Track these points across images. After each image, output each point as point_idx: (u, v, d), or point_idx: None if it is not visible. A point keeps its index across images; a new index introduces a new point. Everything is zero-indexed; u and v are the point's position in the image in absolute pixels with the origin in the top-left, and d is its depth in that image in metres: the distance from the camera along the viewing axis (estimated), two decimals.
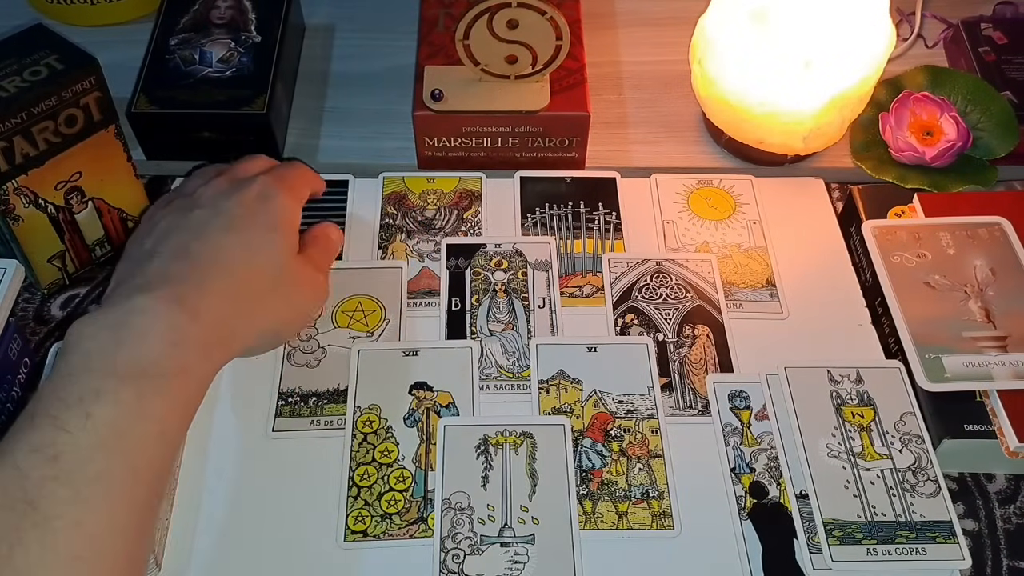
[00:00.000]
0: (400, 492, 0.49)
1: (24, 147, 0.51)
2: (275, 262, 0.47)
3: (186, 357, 0.42)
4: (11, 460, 0.37)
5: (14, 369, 0.54)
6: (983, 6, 0.76)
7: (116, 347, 0.40)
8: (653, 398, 0.53)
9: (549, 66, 0.60)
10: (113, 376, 0.39)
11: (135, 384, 0.40)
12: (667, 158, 0.66)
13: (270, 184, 0.50)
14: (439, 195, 0.63)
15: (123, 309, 0.42)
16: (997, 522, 0.51)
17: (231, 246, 0.46)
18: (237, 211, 0.47)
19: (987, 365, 0.52)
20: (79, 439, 0.37)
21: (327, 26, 0.75)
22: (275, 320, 0.48)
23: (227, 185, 0.50)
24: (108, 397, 0.39)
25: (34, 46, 0.52)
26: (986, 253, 0.57)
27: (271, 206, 0.49)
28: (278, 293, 0.47)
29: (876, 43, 0.59)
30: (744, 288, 0.59)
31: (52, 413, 0.38)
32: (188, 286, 0.44)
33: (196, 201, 0.49)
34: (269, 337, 0.49)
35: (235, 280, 0.45)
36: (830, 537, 0.47)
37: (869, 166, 0.64)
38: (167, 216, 0.49)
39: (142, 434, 0.39)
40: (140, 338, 0.41)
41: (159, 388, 0.40)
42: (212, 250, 0.46)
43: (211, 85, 0.63)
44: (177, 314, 0.42)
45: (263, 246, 0.47)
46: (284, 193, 0.50)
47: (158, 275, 0.44)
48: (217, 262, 0.45)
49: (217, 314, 0.44)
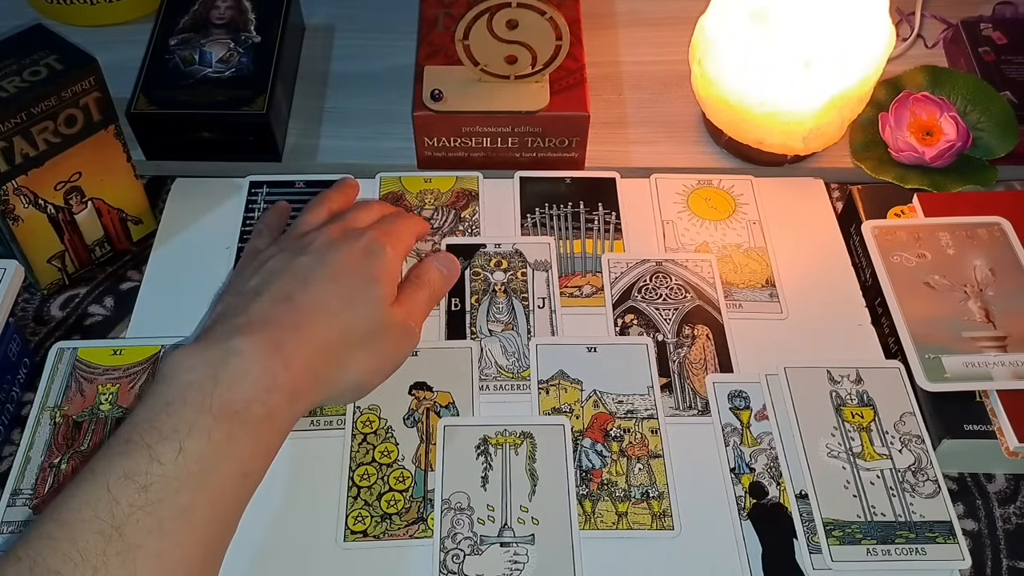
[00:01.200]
0: (400, 492, 0.49)
1: (24, 147, 0.51)
2: (371, 314, 0.48)
3: (276, 403, 0.43)
4: (104, 483, 0.38)
5: (14, 369, 0.54)
6: (983, 6, 0.76)
7: (214, 385, 0.41)
8: (653, 398, 0.53)
9: (549, 66, 0.60)
10: (208, 413, 0.41)
11: (227, 424, 0.41)
12: (667, 158, 0.66)
13: (377, 239, 0.50)
14: (436, 195, 0.63)
15: (223, 347, 0.43)
16: (997, 522, 0.51)
17: (331, 297, 0.47)
18: (341, 264, 0.48)
19: (987, 365, 0.52)
20: (169, 471, 0.39)
21: (327, 26, 0.75)
22: (362, 371, 0.48)
23: (338, 235, 0.51)
24: (201, 434, 0.40)
25: (34, 46, 0.52)
26: (986, 253, 0.57)
27: (375, 261, 0.49)
28: (369, 345, 0.48)
29: (876, 43, 0.59)
30: (744, 288, 0.59)
31: (148, 442, 0.39)
32: (286, 332, 0.45)
33: (305, 247, 0.50)
34: (352, 388, 0.49)
35: (331, 330, 0.46)
36: (830, 537, 0.47)
37: (869, 166, 0.64)
38: (275, 257, 0.50)
39: (227, 473, 0.41)
40: (236, 380, 0.42)
41: (248, 431, 0.42)
42: (313, 299, 0.47)
43: (211, 85, 0.63)
44: (273, 360, 0.43)
45: (361, 299, 0.48)
46: (389, 248, 0.51)
47: (259, 317, 0.45)
48: (316, 311, 0.46)
49: (309, 363, 0.45)
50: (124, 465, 0.39)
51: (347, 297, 0.48)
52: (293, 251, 0.50)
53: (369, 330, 0.48)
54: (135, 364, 0.52)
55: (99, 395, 0.50)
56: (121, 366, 0.52)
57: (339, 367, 0.47)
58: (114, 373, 0.51)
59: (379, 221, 0.54)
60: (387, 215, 0.55)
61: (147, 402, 0.41)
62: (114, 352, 0.52)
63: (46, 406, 0.50)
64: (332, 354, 0.46)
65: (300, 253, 0.49)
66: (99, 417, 0.49)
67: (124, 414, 0.49)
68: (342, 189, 0.58)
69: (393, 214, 0.56)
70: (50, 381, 0.51)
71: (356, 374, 0.48)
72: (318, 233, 0.51)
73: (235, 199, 0.63)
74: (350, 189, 0.59)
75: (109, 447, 0.40)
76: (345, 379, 0.47)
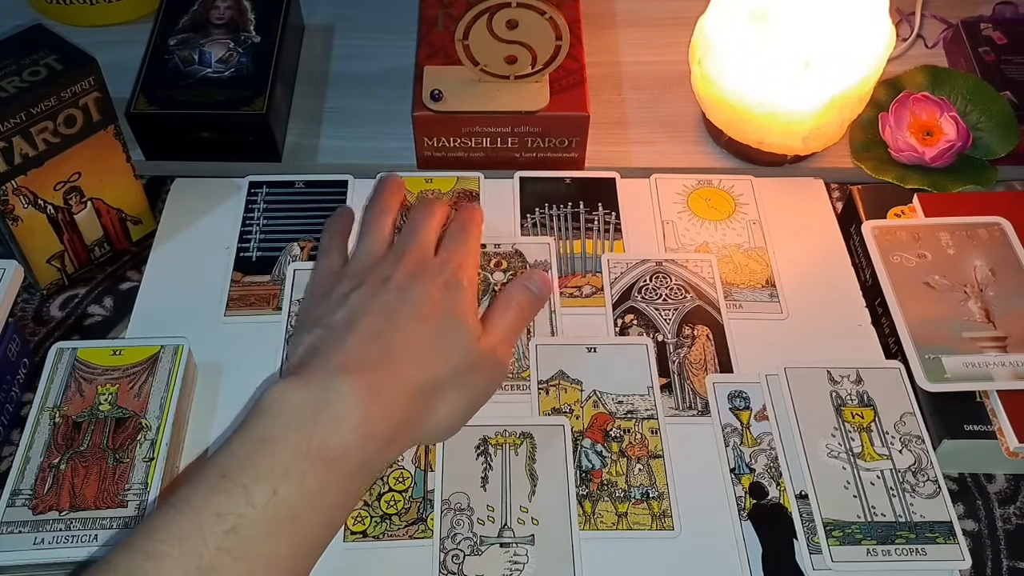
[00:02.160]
0: (400, 492, 0.49)
1: (23, 147, 0.51)
2: (460, 352, 0.48)
3: (369, 451, 0.43)
4: (197, 521, 0.38)
5: (13, 369, 0.54)
6: (983, 6, 0.76)
7: (314, 427, 0.42)
8: (653, 398, 0.53)
9: (549, 66, 0.60)
10: (305, 457, 0.41)
11: (322, 471, 0.41)
12: (667, 158, 0.66)
13: (454, 274, 0.50)
14: (437, 195, 0.63)
15: (324, 387, 0.43)
16: (997, 522, 0.51)
17: (420, 339, 0.47)
18: (426, 303, 0.48)
19: (987, 365, 0.51)
20: (259, 515, 0.39)
21: (327, 26, 0.75)
22: (452, 412, 0.48)
23: (414, 268, 0.50)
24: (295, 479, 0.40)
25: (34, 46, 0.52)
26: (986, 253, 0.57)
27: (456, 297, 0.49)
28: (460, 384, 0.48)
29: (876, 43, 0.59)
30: (744, 288, 0.59)
31: (243, 481, 0.39)
32: (383, 376, 0.45)
33: (386, 282, 0.49)
34: (443, 430, 0.49)
35: (423, 374, 0.46)
36: (830, 537, 0.47)
37: (869, 166, 0.64)
38: (356, 291, 0.49)
39: (313, 522, 0.41)
40: (336, 424, 0.42)
41: (340, 479, 0.42)
42: (403, 340, 0.46)
43: (210, 85, 0.63)
44: (372, 407, 0.43)
45: (449, 338, 0.48)
46: (466, 280, 0.51)
47: (355, 356, 0.45)
48: (406, 353, 0.46)
49: (404, 409, 0.45)
50: (219, 503, 0.39)
51: (435, 339, 0.47)
52: (373, 285, 0.49)
53: (459, 369, 0.48)
54: (135, 364, 0.52)
55: (98, 395, 0.50)
56: (121, 366, 0.51)
57: (430, 410, 0.47)
58: (114, 373, 0.51)
59: (447, 241, 0.53)
60: (451, 226, 0.55)
61: (245, 436, 0.41)
62: (114, 352, 0.52)
63: (45, 406, 0.50)
64: (424, 398, 0.46)
65: (382, 289, 0.49)
66: (98, 417, 0.49)
67: (123, 414, 0.49)
68: (393, 191, 0.58)
69: (457, 226, 0.55)
70: (49, 381, 0.51)
71: (446, 415, 0.48)
72: (396, 268, 0.50)
73: (235, 199, 0.63)
74: (398, 188, 0.59)
75: (205, 478, 0.40)
76: (435, 422, 0.47)
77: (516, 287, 0.53)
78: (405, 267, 0.50)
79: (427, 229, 0.54)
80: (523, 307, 0.53)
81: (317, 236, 0.60)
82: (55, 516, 0.46)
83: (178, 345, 0.52)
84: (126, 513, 0.46)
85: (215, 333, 0.56)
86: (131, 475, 0.47)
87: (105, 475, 0.47)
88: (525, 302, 0.53)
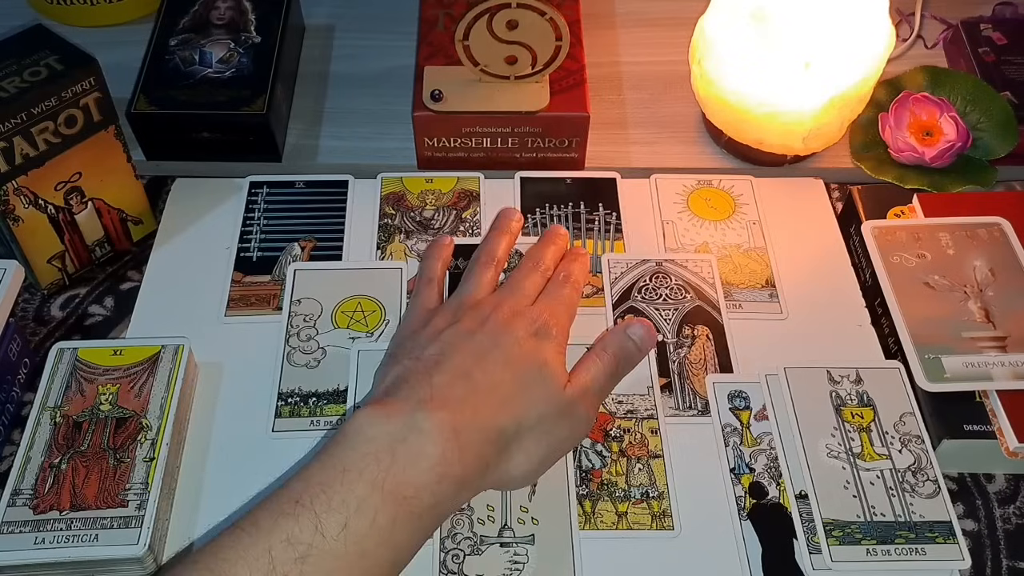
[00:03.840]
0: None
1: (24, 147, 0.51)
2: (544, 399, 0.47)
3: (444, 493, 0.42)
4: (266, 545, 0.38)
5: (14, 369, 0.54)
6: (983, 6, 0.76)
7: (391, 461, 0.41)
8: (653, 398, 0.53)
9: (549, 66, 0.60)
10: (379, 491, 0.40)
11: (394, 508, 0.41)
12: (667, 158, 0.66)
13: (546, 323, 0.50)
14: (437, 195, 0.63)
15: (406, 423, 0.43)
16: (997, 522, 0.51)
17: (506, 381, 0.46)
18: (515, 348, 0.48)
19: (987, 365, 0.52)
20: (329, 547, 0.39)
21: (327, 26, 0.75)
22: (529, 461, 0.47)
23: (510, 314, 0.50)
24: (367, 514, 0.40)
25: (34, 46, 0.52)
26: (986, 253, 0.57)
27: (545, 344, 0.49)
28: (539, 432, 0.47)
29: (876, 44, 0.59)
30: (744, 288, 0.59)
31: (316, 510, 0.39)
32: (465, 415, 0.44)
33: (480, 326, 0.49)
34: (518, 478, 0.47)
35: (504, 417, 0.45)
36: (830, 537, 0.47)
37: (869, 166, 0.64)
38: (451, 328, 0.49)
39: (380, 560, 0.40)
40: (413, 462, 0.42)
41: (410, 518, 0.41)
42: (489, 382, 0.46)
43: (211, 85, 0.63)
44: (450, 448, 0.43)
45: (535, 383, 0.47)
46: (556, 330, 0.50)
47: (441, 392, 0.45)
48: (491, 395, 0.46)
49: (481, 453, 0.44)
50: (289, 529, 0.39)
51: (520, 384, 0.47)
52: (468, 325, 0.49)
53: (541, 417, 0.47)
54: (135, 364, 0.52)
55: (99, 395, 0.50)
56: (121, 366, 0.52)
57: (507, 457, 0.46)
58: (114, 373, 0.51)
59: (547, 291, 0.53)
60: (554, 276, 0.54)
61: (324, 462, 0.41)
62: (114, 352, 0.52)
63: (46, 406, 0.50)
64: (502, 443, 0.45)
65: (475, 330, 0.49)
66: (99, 417, 0.49)
67: (124, 414, 0.49)
68: (504, 242, 0.57)
69: (559, 278, 0.54)
70: (50, 381, 0.51)
71: (523, 463, 0.46)
72: (491, 310, 0.50)
73: (235, 199, 0.63)
74: (508, 243, 0.58)
75: (278, 502, 0.40)
76: (511, 469, 0.46)
77: (614, 336, 0.52)
78: (501, 312, 0.50)
79: (529, 282, 0.53)
80: (617, 359, 0.51)
81: (317, 236, 0.61)
82: (56, 516, 0.46)
83: (179, 345, 0.52)
84: (127, 513, 0.46)
85: (215, 333, 0.56)
86: (132, 475, 0.47)
87: (106, 475, 0.47)
88: (621, 355, 0.51)
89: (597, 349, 0.51)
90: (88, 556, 0.45)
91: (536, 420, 0.46)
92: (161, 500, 0.47)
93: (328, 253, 0.60)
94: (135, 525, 0.45)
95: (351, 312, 0.57)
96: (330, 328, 0.56)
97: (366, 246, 0.61)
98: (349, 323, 0.56)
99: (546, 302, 0.52)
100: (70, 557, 0.45)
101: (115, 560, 0.45)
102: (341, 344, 0.55)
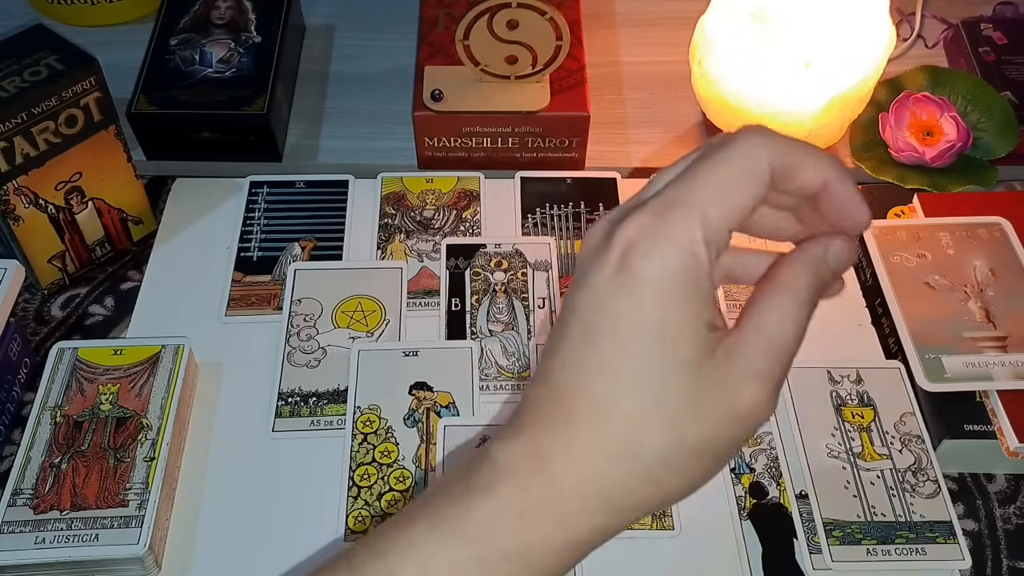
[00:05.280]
0: (400, 492, 0.49)
1: (24, 147, 0.51)
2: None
3: (531, 533, 0.31)
4: (346, 563, 0.31)
5: (14, 369, 0.54)
6: (983, 6, 0.76)
7: (464, 493, 0.31)
8: None
9: (549, 66, 0.60)
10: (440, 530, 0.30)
11: (452, 551, 0.30)
12: (667, 158, 0.66)
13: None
14: (438, 195, 0.63)
15: (484, 455, 0.32)
16: (997, 522, 0.51)
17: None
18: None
19: (987, 365, 0.52)
20: None
21: (327, 26, 0.75)
22: (678, 487, 0.34)
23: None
24: (417, 552, 0.30)
25: (34, 46, 0.52)
26: (986, 253, 0.57)
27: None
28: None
29: (876, 43, 0.59)
30: (744, 288, 0.59)
31: (380, 553, 0.30)
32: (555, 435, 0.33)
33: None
34: (651, 508, 0.34)
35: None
36: (830, 537, 0.47)
37: (869, 166, 0.64)
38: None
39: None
40: (481, 495, 0.31)
41: (482, 568, 0.30)
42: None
43: (211, 85, 0.63)
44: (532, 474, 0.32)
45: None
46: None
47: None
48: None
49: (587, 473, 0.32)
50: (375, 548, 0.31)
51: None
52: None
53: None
54: (136, 364, 0.52)
55: (99, 395, 0.50)
56: (122, 366, 0.52)
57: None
58: (115, 373, 0.51)
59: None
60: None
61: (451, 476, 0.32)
62: (114, 352, 0.52)
63: (47, 406, 0.50)
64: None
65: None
66: (99, 417, 0.49)
67: (124, 414, 0.49)
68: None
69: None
70: (51, 381, 0.51)
71: (662, 491, 0.34)
72: None
73: (235, 199, 0.63)
74: None
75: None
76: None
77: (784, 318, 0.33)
78: None
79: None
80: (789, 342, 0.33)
81: (318, 236, 0.61)
82: (56, 516, 0.46)
83: (179, 345, 0.52)
84: (127, 512, 0.46)
85: (216, 333, 0.56)
86: (132, 475, 0.47)
87: (106, 475, 0.47)
88: (791, 338, 0.33)
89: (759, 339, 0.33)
90: (88, 556, 0.45)
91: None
92: (161, 500, 0.47)
93: (328, 253, 0.60)
94: (135, 525, 0.45)
95: (351, 312, 0.57)
96: (330, 328, 0.56)
97: (366, 246, 0.61)
98: (349, 323, 0.56)
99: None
100: (70, 557, 0.45)
101: (115, 560, 0.45)
102: (341, 344, 0.55)
